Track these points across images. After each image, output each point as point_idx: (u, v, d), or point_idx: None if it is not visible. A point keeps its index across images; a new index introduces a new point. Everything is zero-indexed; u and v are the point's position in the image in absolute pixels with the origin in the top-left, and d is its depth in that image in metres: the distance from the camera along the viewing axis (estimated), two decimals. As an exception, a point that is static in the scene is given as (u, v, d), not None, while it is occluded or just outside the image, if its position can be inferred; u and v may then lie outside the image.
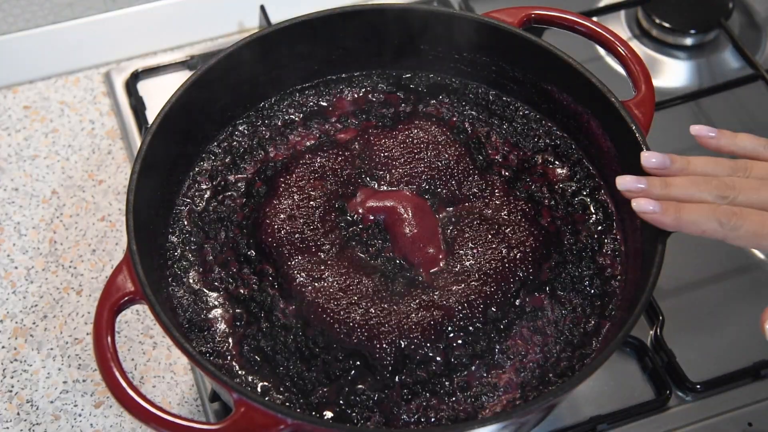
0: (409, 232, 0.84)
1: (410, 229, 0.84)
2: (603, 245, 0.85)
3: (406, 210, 0.85)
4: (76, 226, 1.04)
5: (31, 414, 0.92)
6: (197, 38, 1.20)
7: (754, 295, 1.00)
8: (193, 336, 0.80)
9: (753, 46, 1.19)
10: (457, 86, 0.95)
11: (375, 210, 0.85)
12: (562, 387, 0.72)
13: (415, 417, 0.76)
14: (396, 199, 0.86)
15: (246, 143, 0.91)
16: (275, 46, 0.90)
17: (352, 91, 0.95)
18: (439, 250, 0.83)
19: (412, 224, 0.84)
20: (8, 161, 1.09)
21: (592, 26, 0.89)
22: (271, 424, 0.69)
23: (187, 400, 0.93)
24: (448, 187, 0.87)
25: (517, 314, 0.81)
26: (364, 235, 0.84)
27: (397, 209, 0.85)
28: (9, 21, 1.12)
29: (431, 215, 0.85)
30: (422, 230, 0.84)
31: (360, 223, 0.85)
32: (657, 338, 0.94)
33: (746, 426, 0.90)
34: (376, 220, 0.85)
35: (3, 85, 1.16)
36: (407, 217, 0.84)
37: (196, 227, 0.86)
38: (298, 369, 0.78)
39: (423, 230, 0.84)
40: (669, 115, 1.08)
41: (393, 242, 0.84)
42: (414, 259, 0.83)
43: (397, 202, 0.86)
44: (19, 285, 1.00)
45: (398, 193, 0.86)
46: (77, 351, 0.96)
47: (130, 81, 1.14)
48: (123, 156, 1.10)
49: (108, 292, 0.74)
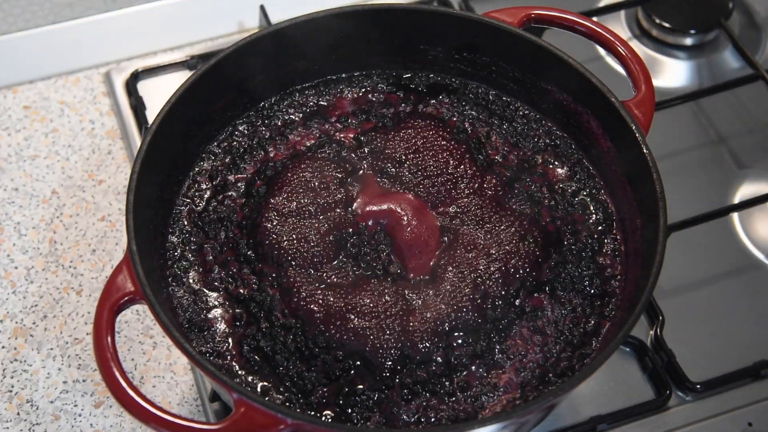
0: (409, 235, 0.84)
1: (409, 232, 0.84)
2: (603, 245, 0.85)
3: (405, 213, 0.85)
4: (76, 226, 1.04)
5: (31, 414, 0.92)
6: (197, 38, 1.20)
7: (754, 295, 1.00)
8: (193, 336, 0.80)
9: (753, 46, 1.20)
10: (457, 86, 0.95)
11: (374, 214, 0.85)
12: (562, 387, 0.72)
13: (415, 417, 0.76)
14: (395, 202, 0.86)
15: (246, 143, 0.91)
16: (275, 46, 0.90)
17: (352, 91, 0.95)
18: (438, 251, 0.83)
19: (411, 227, 0.84)
20: (8, 161, 1.09)
21: (592, 26, 0.89)
22: (271, 424, 0.68)
23: (187, 400, 0.93)
24: (447, 188, 0.87)
25: (517, 314, 0.81)
26: (364, 237, 0.84)
27: (396, 212, 0.85)
28: (9, 21, 1.12)
29: (430, 217, 0.85)
30: (421, 233, 0.84)
31: (359, 226, 0.85)
32: (657, 338, 0.94)
33: (746, 426, 0.90)
34: (375, 223, 0.85)
35: (3, 85, 1.16)
36: (406, 221, 0.84)
37: (196, 227, 0.86)
38: (298, 369, 0.78)
39: (422, 233, 0.84)
40: (669, 115, 1.08)
41: (393, 245, 0.84)
42: (413, 261, 0.83)
43: (396, 205, 0.85)
44: (19, 285, 1.00)
45: (397, 196, 0.86)
46: (77, 351, 0.96)
47: (130, 81, 1.14)
48: (123, 156, 1.10)
49: (108, 292, 0.74)
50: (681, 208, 0.99)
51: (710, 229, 1.01)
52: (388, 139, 0.89)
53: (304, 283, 0.81)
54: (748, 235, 1.04)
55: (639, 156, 0.81)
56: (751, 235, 1.04)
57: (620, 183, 0.86)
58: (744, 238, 1.03)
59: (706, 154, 1.11)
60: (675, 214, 0.97)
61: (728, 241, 1.03)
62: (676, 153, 1.11)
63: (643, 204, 0.81)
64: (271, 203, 0.85)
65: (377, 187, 0.87)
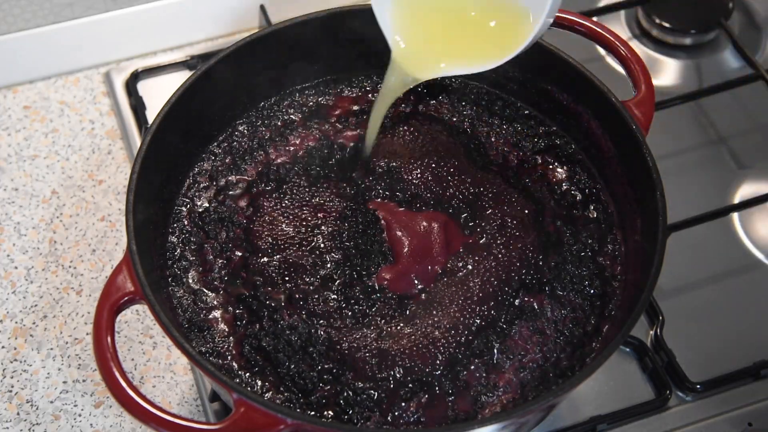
0: (408, 247, 0.83)
1: (409, 244, 0.84)
2: (603, 245, 0.85)
3: (402, 226, 0.85)
4: (76, 226, 1.04)
5: (31, 414, 0.92)
6: (197, 38, 1.20)
7: (754, 295, 1.00)
8: (193, 336, 0.80)
9: (753, 46, 1.19)
10: (457, 86, 0.95)
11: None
12: (562, 387, 0.72)
13: (415, 417, 0.76)
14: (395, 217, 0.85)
15: (246, 143, 0.91)
16: (275, 46, 0.90)
17: (352, 91, 0.95)
18: (441, 257, 0.83)
19: (410, 239, 0.84)
20: (8, 161, 1.09)
21: (592, 26, 0.89)
22: (271, 424, 0.68)
23: (187, 400, 0.93)
24: (446, 190, 0.87)
25: (517, 314, 0.81)
26: (365, 231, 0.84)
27: (394, 229, 0.84)
28: (9, 21, 1.12)
29: (430, 226, 0.85)
30: (421, 243, 0.84)
31: (359, 220, 0.85)
32: (657, 338, 0.94)
33: (746, 426, 0.90)
34: (375, 220, 0.85)
35: (3, 85, 1.16)
36: (403, 234, 0.84)
37: (196, 227, 0.86)
38: (299, 369, 0.78)
39: (421, 243, 0.84)
40: (669, 115, 1.08)
41: (395, 257, 0.84)
42: (414, 272, 0.82)
43: (393, 218, 0.85)
44: (19, 285, 1.00)
45: (392, 210, 0.86)
46: (77, 351, 0.96)
47: (130, 81, 1.14)
48: (123, 156, 1.10)
49: (108, 292, 0.74)
50: (681, 208, 0.99)
51: (710, 229, 1.01)
52: (389, 144, 0.89)
53: (304, 284, 0.81)
54: (748, 235, 1.04)
55: (639, 156, 0.81)
56: (751, 235, 1.04)
57: (620, 183, 0.86)
58: (744, 238, 1.03)
59: (706, 154, 1.11)
60: (675, 214, 0.97)
61: (728, 241, 1.03)
62: (676, 153, 1.11)
63: (643, 204, 0.81)
64: (271, 205, 0.85)
65: (376, 196, 0.87)
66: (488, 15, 0.79)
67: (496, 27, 0.79)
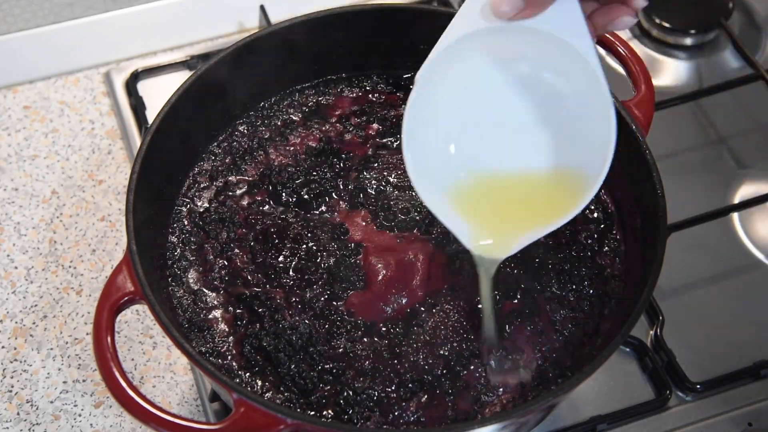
0: (386, 275, 0.82)
1: (386, 272, 0.82)
2: (603, 245, 0.85)
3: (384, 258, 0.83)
4: (76, 226, 1.04)
5: (31, 414, 0.92)
6: (197, 38, 1.20)
7: (754, 295, 1.00)
8: (193, 336, 0.80)
9: (753, 46, 1.19)
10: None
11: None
12: (562, 387, 0.72)
13: (415, 417, 0.76)
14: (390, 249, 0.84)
15: (246, 143, 0.91)
16: (275, 46, 0.90)
17: (352, 91, 0.95)
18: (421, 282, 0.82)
19: (390, 267, 0.82)
20: (8, 161, 1.09)
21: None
22: (271, 424, 0.68)
23: (187, 400, 0.93)
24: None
25: (517, 314, 0.81)
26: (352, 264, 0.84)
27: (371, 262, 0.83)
28: (9, 21, 1.12)
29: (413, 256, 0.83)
30: (400, 271, 0.82)
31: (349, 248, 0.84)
32: (657, 338, 0.94)
33: (746, 426, 0.90)
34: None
35: (3, 85, 1.16)
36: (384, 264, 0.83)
37: (196, 227, 0.86)
38: (299, 369, 0.78)
39: (401, 271, 0.82)
40: (669, 115, 1.08)
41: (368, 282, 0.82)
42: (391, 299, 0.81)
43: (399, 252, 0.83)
44: (19, 285, 1.00)
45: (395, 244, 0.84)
46: (77, 351, 0.96)
47: (130, 81, 1.13)
48: (123, 156, 1.10)
49: (108, 292, 0.74)
50: (681, 208, 0.99)
51: (710, 229, 1.01)
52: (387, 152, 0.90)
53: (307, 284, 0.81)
54: (748, 235, 1.04)
55: (639, 156, 0.81)
56: (751, 235, 1.04)
57: (620, 183, 0.85)
58: (744, 238, 1.03)
59: (706, 154, 1.11)
60: (675, 214, 0.97)
61: (728, 241, 1.03)
62: (676, 153, 1.11)
63: (643, 204, 0.81)
64: (272, 207, 0.85)
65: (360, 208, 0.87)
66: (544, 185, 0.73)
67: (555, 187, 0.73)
